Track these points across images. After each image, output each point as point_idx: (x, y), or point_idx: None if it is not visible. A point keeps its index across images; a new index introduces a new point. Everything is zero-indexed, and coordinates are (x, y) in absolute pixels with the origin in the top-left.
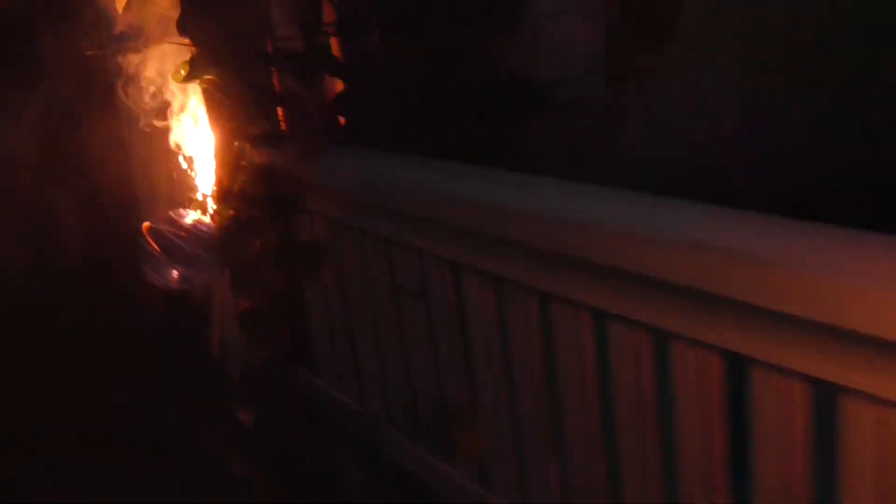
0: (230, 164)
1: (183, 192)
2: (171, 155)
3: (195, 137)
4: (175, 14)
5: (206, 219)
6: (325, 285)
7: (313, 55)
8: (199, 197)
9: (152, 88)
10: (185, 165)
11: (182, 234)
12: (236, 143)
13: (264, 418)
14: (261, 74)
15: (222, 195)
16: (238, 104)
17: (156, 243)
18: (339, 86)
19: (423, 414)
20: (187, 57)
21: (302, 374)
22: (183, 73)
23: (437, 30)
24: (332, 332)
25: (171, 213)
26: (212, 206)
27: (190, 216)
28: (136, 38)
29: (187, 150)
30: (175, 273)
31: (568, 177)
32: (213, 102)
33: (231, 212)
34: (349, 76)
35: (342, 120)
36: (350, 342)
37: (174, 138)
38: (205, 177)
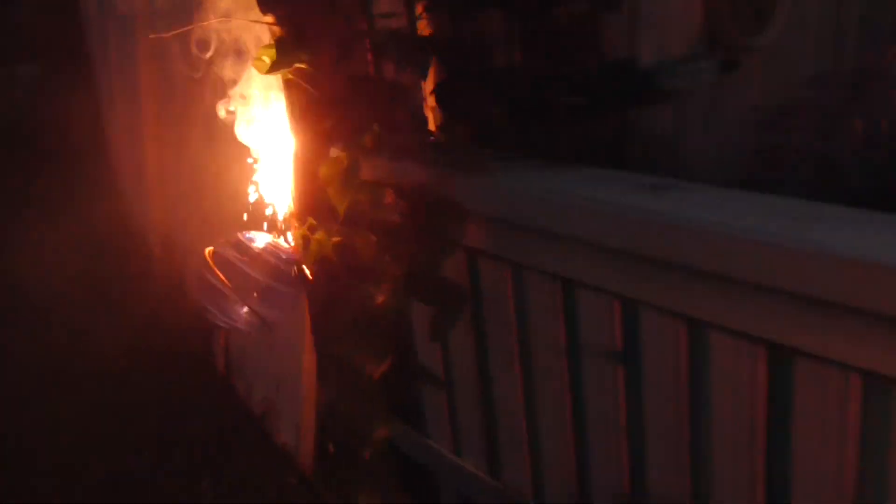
0: (337, 177)
1: (253, 210)
2: (237, 165)
3: (267, 140)
4: None
5: (283, 242)
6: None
7: (426, 37)
8: (273, 215)
9: (226, 80)
10: (256, 176)
11: (247, 259)
12: (342, 152)
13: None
14: (365, 63)
15: (319, 216)
16: (338, 101)
17: (222, 273)
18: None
19: (600, 502)
20: (271, 41)
21: (406, 432)
22: (267, 60)
23: (543, 7)
24: (452, 387)
25: (239, 235)
26: (290, 227)
27: (260, 239)
28: (204, 19)
29: (258, 156)
30: (245, 311)
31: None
32: (301, 98)
33: (335, 239)
34: (454, 62)
35: (436, 114)
36: (484, 403)
37: (245, 141)
38: (281, 190)
